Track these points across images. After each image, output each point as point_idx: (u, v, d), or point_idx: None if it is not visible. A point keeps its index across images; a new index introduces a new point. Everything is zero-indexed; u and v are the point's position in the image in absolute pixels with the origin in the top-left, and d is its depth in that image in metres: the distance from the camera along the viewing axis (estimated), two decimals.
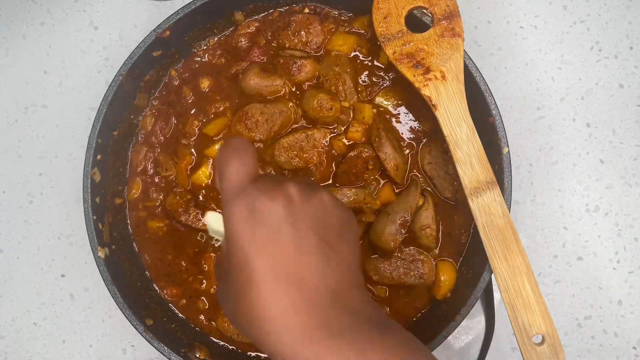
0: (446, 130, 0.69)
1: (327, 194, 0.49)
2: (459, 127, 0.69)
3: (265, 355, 0.78)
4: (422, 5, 0.72)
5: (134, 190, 0.81)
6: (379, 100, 0.79)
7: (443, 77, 0.70)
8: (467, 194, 0.67)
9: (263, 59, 0.81)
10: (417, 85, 0.70)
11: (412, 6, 0.72)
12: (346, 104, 0.79)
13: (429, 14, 0.72)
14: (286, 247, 0.44)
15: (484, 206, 0.67)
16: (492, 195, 0.67)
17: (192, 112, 0.81)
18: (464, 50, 0.73)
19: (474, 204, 0.67)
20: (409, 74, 0.71)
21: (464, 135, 0.68)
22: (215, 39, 0.82)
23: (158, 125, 0.81)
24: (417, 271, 0.76)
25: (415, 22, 0.73)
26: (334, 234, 0.47)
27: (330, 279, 0.45)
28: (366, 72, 0.80)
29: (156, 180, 0.80)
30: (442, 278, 0.76)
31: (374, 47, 0.80)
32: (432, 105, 0.69)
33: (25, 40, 0.90)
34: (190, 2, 0.76)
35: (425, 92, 0.70)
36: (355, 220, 0.52)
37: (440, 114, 0.69)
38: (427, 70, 0.70)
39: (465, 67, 0.73)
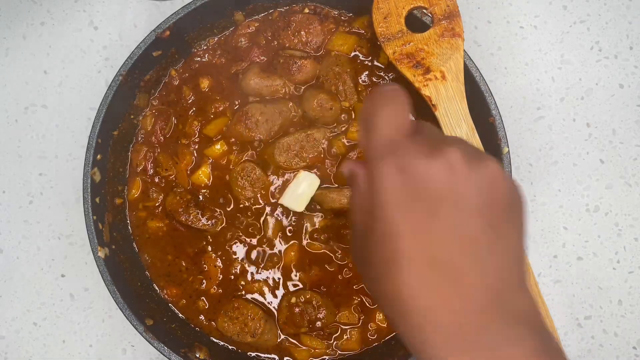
0: (446, 131, 0.69)
1: (494, 162, 0.40)
2: (459, 127, 0.69)
3: (265, 355, 0.78)
4: (422, 5, 0.72)
5: (134, 190, 0.81)
6: None
7: (443, 77, 0.70)
8: None
9: (263, 59, 0.81)
10: (417, 85, 0.70)
11: (412, 6, 0.72)
12: (346, 104, 0.79)
13: (429, 14, 0.72)
14: (443, 228, 0.37)
15: None
16: None
17: (192, 112, 0.81)
18: (464, 50, 0.73)
19: None
20: (409, 74, 0.71)
21: (464, 135, 0.68)
22: (215, 39, 0.82)
23: (158, 125, 0.81)
24: None
25: (415, 22, 0.73)
26: (499, 213, 0.39)
27: (491, 275, 0.37)
28: (366, 72, 0.80)
29: (156, 180, 0.80)
30: None
31: (374, 47, 0.80)
32: (432, 105, 0.69)
33: (25, 40, 0.90)
34: (190, 2, 0.76)
35: (425, 92, 0.70)
36: (523, 195, 0.43)
37: (440, 114, 0.69)
38: (427, 70, 0.70)
39: (465, 67, 0.73)
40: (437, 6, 0.71)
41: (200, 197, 0.79)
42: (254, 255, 0.79)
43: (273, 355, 0.78)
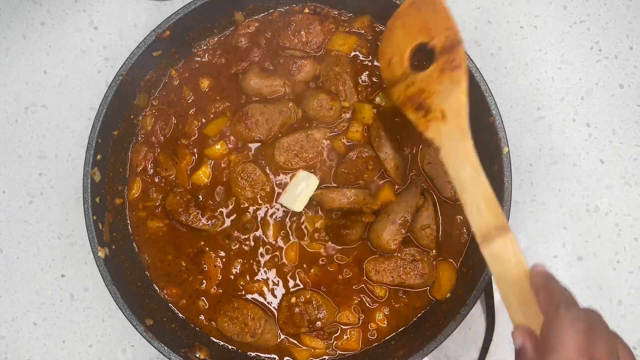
0: (451, 172, 0.63)
1: None
2: (462, 168, 0.62)
3: (265, 355, 0.78)
4: (423, 41, 0.68)
5: (134, 190, 0.81)
6: (379, 100, 0.79)
7: (443, 116, 0.65)
8: (478, 241, 0.60)
9: (263, 59, 0.81)
10: (420, 128, 0.66)
11: (413, 44, 0.69)
12: (346, 104, 0.79)
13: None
14: None
15: (496, 254, 0.58)
16: (504, 242, 0.58)
17: (192, 112, 0.81)
18: (464, 50, 0.73)
19: (486, 252, 0.59)
20: (412, 116, 0.67)
21: (468, 176, 0.62)
22: (215, 39, 0.82)
23: (158, 125, 0.81)
24: (418, 271, 0.76)
25: (420, 55, 0.70)
26: None
27: None
28: (366, 72, 0.80)
29: (156, 180, 0.80)
30: (442, 278, 0.76)
31: (374, 47, 0.80)
32: (437, 148, 0.65)
33: (25, 40, 0.90)
34: (190, 2, 0.76)
35: (428, 134, 0.66)
36: None
37: (444, 156, 0.64)
38: (429, 111, 0.66)
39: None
40: (437, 38, 0.67)
41: (200, 197, 0.79)
42: (253, 255, 0.79)
43: (273, 355, 0.78)
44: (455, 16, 0.87)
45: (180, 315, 0.79)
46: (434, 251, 0.77)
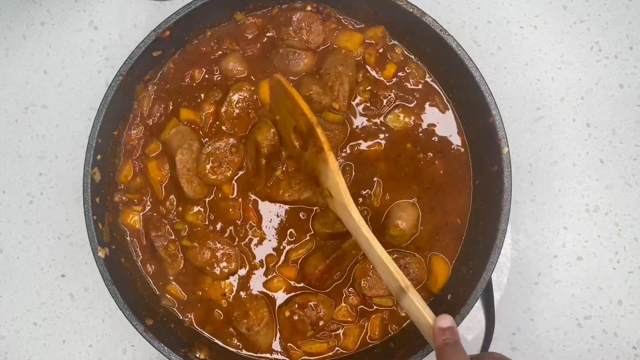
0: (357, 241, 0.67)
1: None
2: (358, 240, 0.67)
3: (264, 356, 0.78)
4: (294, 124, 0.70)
5: (125, 172, 0.80)
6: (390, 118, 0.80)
7: (330, 193, 0.68)
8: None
9: (251, 53, 0.81)
10: (322, 202, 0.70)
11: (291, 127, 0.71)
12: (336, 106, 0.78)
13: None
14: None
15: (407, 308, 0.66)
16: (409, 299, 0.64)
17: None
18: (464, 50, 0.73)
19: (400, 306, 0.68)
20: (315, 191, 0.71)
21: (365, 247, 0.66)
22: (215, 30, 0.82)
23: (155, 108, 0.80)
24: (408, 275, 0.75)
25: None
26: None
27: None
28: (368, 87, 0.79)
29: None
30: (435, 272, 0.76)
31: (382, 57, 0.79)
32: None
33: (25, 40, 0.90)
34: (190, 2, 0.76)
35: (330, 207, 0.70)
36: None
37: (346, 227, 0.68)
38: (322, 188, 0.69)
39: (465, 67, 0.73)
40: (299, 123, 0.68)
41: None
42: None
43: (270, 355, 0.78)
44: (455, 16, 0.88)
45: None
46: (425, 252, 0.77)
